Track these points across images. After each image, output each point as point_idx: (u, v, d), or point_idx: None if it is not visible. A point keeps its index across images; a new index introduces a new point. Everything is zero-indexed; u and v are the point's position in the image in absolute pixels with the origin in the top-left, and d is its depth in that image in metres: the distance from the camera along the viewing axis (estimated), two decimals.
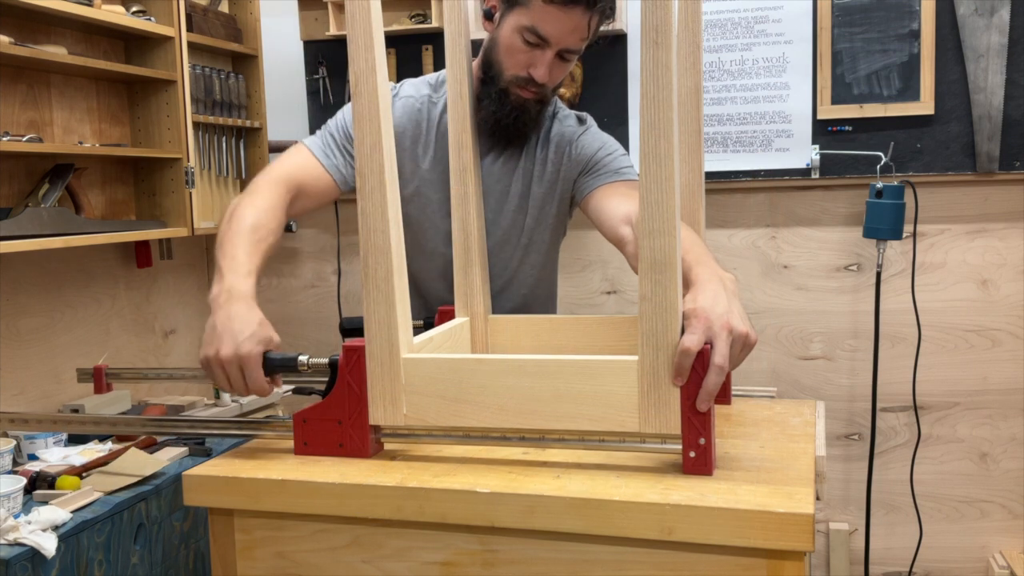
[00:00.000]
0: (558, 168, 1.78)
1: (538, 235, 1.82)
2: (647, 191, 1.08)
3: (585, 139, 1.77)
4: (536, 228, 1.81)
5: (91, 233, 2.19)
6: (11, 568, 1.53)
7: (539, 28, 1.57)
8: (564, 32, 1.58)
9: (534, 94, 1.66)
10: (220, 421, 1.38)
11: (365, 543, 1.16)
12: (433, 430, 1.22)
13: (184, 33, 2.44)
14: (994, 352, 2.61)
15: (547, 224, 1.82)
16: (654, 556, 1.05)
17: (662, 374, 1.09)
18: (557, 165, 1.78)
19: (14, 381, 2.24)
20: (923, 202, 2.57)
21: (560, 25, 1.57)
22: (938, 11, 2.48)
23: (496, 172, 1.76)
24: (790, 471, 1.12)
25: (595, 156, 1.76)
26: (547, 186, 1.79)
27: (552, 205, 1.80)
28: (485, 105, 1.67)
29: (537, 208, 1.79)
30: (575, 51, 1.63)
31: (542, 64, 1.61)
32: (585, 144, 1.76)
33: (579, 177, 1.76)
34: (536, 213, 1.80)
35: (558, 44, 1.59)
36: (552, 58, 1.61)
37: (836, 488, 2.73)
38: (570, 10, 1.54)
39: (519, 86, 1.64)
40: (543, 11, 1.55)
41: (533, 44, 1.60)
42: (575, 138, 1.76)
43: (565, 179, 1.78)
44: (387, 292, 1.19)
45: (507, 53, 1.63)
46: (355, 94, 1.19)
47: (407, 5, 2.78)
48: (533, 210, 1.79)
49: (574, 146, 1.76)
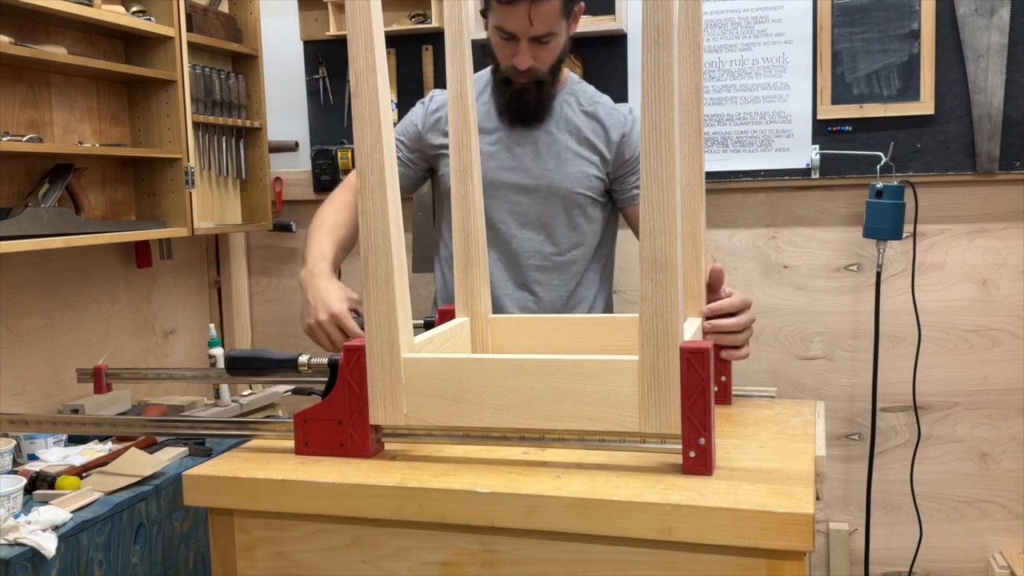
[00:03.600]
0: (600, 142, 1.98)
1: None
2: (648, 190, 1.08)
3: (637, 132, 1.96)
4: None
5: (91, 233, 2.18)
6: (11, 568, 1.53)
7: (504, 26, 1.80)
8: (523, 25, 1.78)
9: (527, 79, 1.87)
10: (220, 421, 1.38)
11: (365, 543, 1.16)
12: (433, 430, 1.22)
13: (184, 33, 2.44)
14: (994, 352, 2.61)
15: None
16: (654, 556, 1.05)
17: (662, 374, 1.09)
18: (603, 139, 1.97)
19: (14, 381, 2.24)
20: (923, 202, 2.57)
21: (515, 20, 1.77)
22: (938, 11, 2.48)
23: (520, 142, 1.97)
24: (790, 471, 1.12)
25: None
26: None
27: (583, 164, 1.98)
28: (497, 95, 1.93)
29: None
30: (547, 35, 1.81)
31: (519, 54, 1.82)
32: (636, 139, 1.96)
33: (628, 175, 1.98)
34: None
35: (525, 35, 1.80)
36: (527, 47, 1.82)
37: (836, 488, 2.73)
38: (515, 7, 1.75)
39: (513, 75, 1.87)
40: (499, 11, 1.79)
41: (506, 39, 1.82)
42: (629, 126, 1.97)
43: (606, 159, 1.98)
44: (387, 292, 1.19)
45: (495, 49, 1.88)
46: (355, 94, 1.19)
47: (407, 5, 2.78)
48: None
49: (627, 138, 1.96)
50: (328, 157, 2.88)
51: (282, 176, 2.98)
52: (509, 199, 1.96)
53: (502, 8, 1.77)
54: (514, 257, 1.97)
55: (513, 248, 1.97)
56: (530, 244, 1.97)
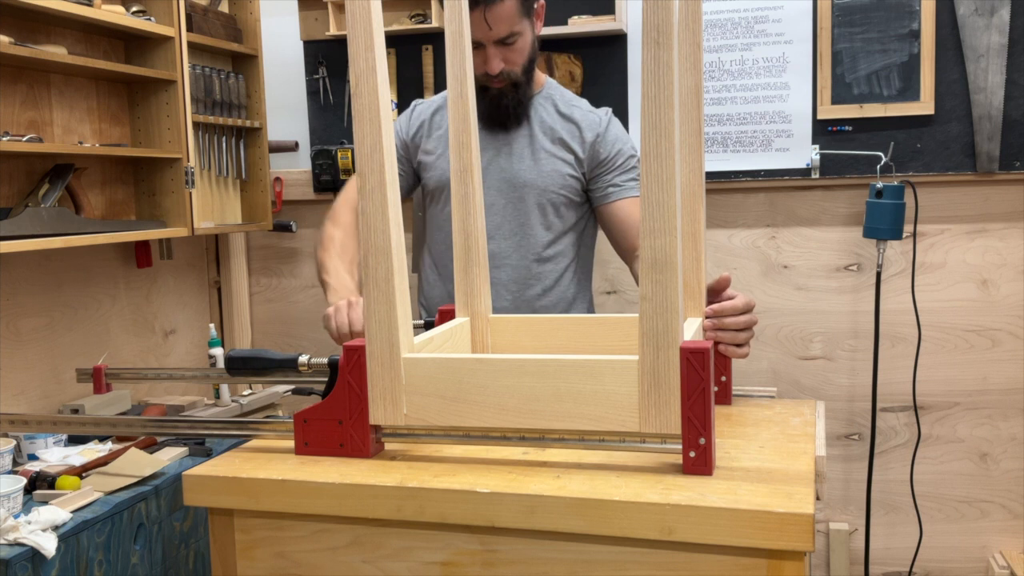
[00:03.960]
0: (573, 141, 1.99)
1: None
2: (648, 190, 1.08)
3: (612, 132, 1.98)
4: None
5: (91, 233, 2.18)
6: (11, 568, 1.53)
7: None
8: (483, 31, 1.82)
9: (502, 83, 1.91)
10: (220, 421, 1.38)
11: (365, 543, 1.16)
12: (433, 430, 1.22)
13: (184, 33, 2.44)
14: (994, 352, 2.61)
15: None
16: (654, 556, 1.05)
17: (662, 374, 1.09)
18: (577, 139, 1.99)
19: (14, 381, 2.24)
20: (923, 202, 2.57)
21: (475, 27, 1.79)
22: (938, 11, 2.48)
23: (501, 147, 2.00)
24: (790, 471, 1.12)
25: (626, 161, 1.98)
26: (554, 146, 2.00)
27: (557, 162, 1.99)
28: (477, 103, 1.93)
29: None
30: (510, 36, 1.85)
31: (488, 59, 1.87)
32: (611, 139, 1.97)
33: (604, 174, 1.98)
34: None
35: (488, 40, 1.84)
36: (494, 51, 1.86)
37: (836, 488, 2.73)
38: (471, 14, 1.75)
39: (487, 82, 1.91)
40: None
41: (474, 48, 1.82)
42: (604, 126, 1.98)
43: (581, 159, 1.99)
44: (387, 292, 1.19)
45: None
46: (355, 94, 1.19)
47: (407, 5, 2.78)
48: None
49: (602, 138, 1.97)
50: (328, 157, 2.88)
51: (282, 176, 2.98)
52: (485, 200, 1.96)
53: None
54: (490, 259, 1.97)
55: (489, 250, 1.97)
56: (506, 245, 1.98)
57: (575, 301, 2.05)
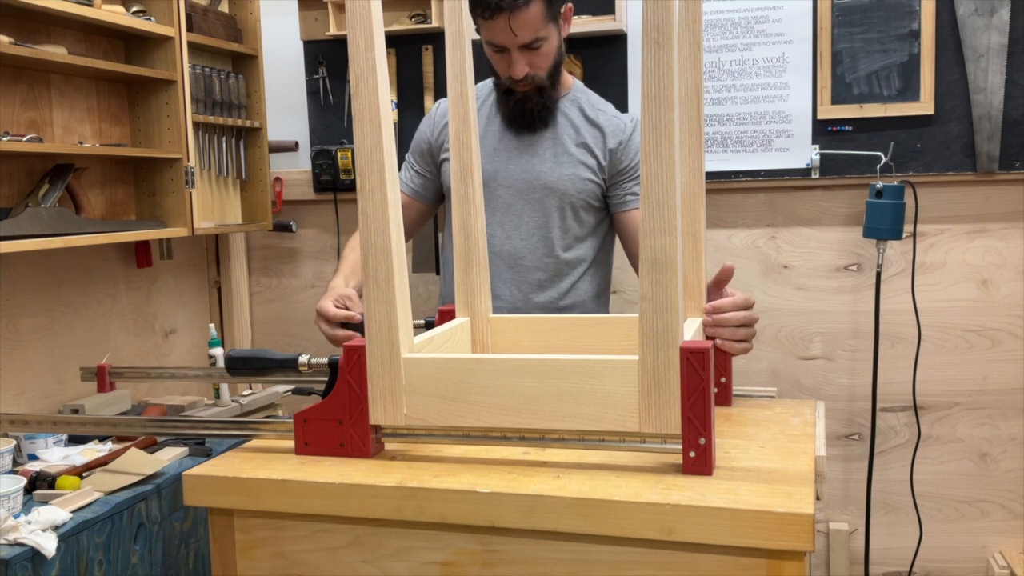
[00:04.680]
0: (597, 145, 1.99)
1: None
2: (648, 190, 1.08)
3: (635, 141, 1.98)
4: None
5: (91, 233, 2.18)
6: (11, 568, 1.53)
7: (492, 40, 1.84)
8: (507, 36, 1.81)
9: (527, 86, 1.90)
10: (220, 421, 1.38)
11: (365, 543, 1.16)
12: (433, 430, 1.22)
13: (184, 33, 2.44)
14: (994, 352, 2.61)
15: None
16: (654, 556, 1.05)
17: (662, 374, 1.10)
18: (600, 144, 1.98)
19: (14, 381, 2.24)
20: (923, 202, 2.57)
21: (500, 33, 1.80)
22: (938, 11, 2.48)
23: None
24: (790, 471, 1.12)
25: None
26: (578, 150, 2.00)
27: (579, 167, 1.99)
28: (502, 105, 1.97)
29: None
30: (535, 41, 1.83)
31: (514, 64, 1.85)
32: (634, 148, 1.97)
33: (623, 182, 1.98)
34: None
35: (513, 45, 1.83)
36: (519, 56, 1.84)
37: (836, 488, 2.73)
38: (495, 20, 1.78)
39: (513, 85, 1.90)
40: (484, 26, 1.82)
41: (498, 51, 1.86)
42: (628, 134, 1.98)
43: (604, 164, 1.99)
44: (387, 292, 1.19)
45: (492, 63, 1.91)
46: (355, 94, 1.19)
47: (407, 5, 2.78)
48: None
49: (625, 146, 1.97)
50: (328, 157, 2.88)
51: (282, 176, 2.98)
52: (504, 200, 1.96)
53: (485, 23, 1.81)
54: (508, 258, 1.98)
55: (507, 249, 1.97)
56: (523, 245, 1.98)
57: (591, 304, 2.04)
